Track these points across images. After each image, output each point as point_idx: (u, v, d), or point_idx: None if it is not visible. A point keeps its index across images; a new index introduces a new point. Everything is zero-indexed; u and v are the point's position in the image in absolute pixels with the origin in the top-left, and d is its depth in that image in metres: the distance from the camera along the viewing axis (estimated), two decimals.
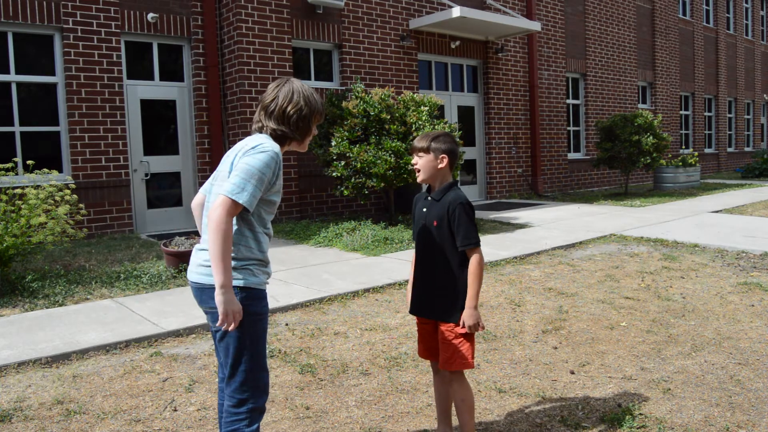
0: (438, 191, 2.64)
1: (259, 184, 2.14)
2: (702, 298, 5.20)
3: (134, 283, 5.87)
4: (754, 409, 3.12)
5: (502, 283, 5.84)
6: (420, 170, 2.65)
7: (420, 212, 2.70)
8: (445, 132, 2.70)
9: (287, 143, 2.35)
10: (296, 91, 2.30)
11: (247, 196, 2.10)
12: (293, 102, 2.28)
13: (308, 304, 5.24)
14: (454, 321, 2.58)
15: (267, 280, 2.33)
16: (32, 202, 5.42)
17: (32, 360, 3.91)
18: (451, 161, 2.63)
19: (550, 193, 14.72)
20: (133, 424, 3.09)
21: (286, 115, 2.28)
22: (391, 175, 8.18)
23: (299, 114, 2.28)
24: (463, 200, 2.57)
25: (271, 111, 2.29)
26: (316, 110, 2.33)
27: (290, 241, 8.29)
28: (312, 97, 2.32)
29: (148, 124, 9.28)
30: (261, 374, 2.26)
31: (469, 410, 2.63)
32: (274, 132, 2.29)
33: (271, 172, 2.17)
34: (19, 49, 8.29)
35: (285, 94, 2.29)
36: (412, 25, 11.52)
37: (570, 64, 15.31)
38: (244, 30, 9.39)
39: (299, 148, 2.41)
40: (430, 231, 2.62)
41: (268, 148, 2.19)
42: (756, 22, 24.79)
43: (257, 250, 2.26)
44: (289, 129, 2.30)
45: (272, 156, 2.17)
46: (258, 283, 2.25)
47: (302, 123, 2.30)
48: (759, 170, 19.35)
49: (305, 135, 2.35)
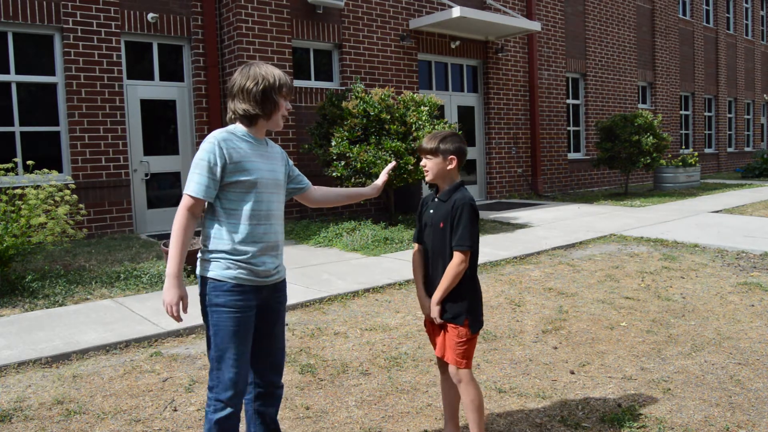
0: (445, 192, 2.63)
1: (204, 171, 2.21)
2: (702, 298, 5.20)
3: (134, 283, 5.87)
4: (754, 409, 3.12)
5: (502, 283, 5.84)
6: (428, 171, 2.64)
7: (427, 214, 2.68)
8: (453, 132, 2.68)
9: (256, 122, 2.35)
10: (254, 68, 2.33)
11: (193, 186, 2.21)
12: (251, 77, 2.30)
13: (308, 304, 5.24)
14: (458, 323, 2.57)
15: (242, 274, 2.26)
16: (32, 202, 5.42)
17: (32, 360, 3.91)
18: (459, 162, 2.62)
19: (550, 193, 14.72)
20: (133, 424, 3.09)
21: (246, 91, 2.30)
22: (391, 175, 8.18)
23: (257, 87, 2.29)
24: (468, 201, 2.55)
25: (234, 93, 2.33)
26: (277, 82, 2.32)
27: (290, 241, 8.29)
28: (271, 72, 2.33)
29: (148, 124, 9.27)
30: (226, 369, 2.24)
31: (477, 410, 2.62)
32: (239, 114, 2.32)
33: (214, 156, 2.21)
34: (19, 49, 8.29)
35: (244, 73, 2.33)
36: (412, 25, 11.52)
37: (570, 64, 15.31)
38: (244, 30, 9.39)
39: (271, 125, 2.40)
40: (437, 232, 2.61)
41: (210, 136, 2.26)
42: (756, 22, 24.79)
43: (228, 240, 2.25)
44: (252, 105, 2.30)
45: (211, 141, 2.23)
46: (222, 275, 2.24)
47: (264, 96, 2.30)
48: (759, 170, 19.35)
49: (272, 110, 2.35)
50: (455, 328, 2.58)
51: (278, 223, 2.39)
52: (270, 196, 2.34)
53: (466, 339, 2.58)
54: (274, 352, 2.44)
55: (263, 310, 2.37)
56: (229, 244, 2.25)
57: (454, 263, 2.53)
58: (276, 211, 2.37)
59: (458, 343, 2.58)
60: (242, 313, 2.26)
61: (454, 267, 2.53)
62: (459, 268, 2.53)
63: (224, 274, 2.24)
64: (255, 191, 2.28)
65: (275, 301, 2.41)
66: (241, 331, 2.26)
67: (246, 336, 2.28)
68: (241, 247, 2.26)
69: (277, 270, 2.38)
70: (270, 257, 2.33)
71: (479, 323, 2.64)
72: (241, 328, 2.26)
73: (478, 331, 2.63)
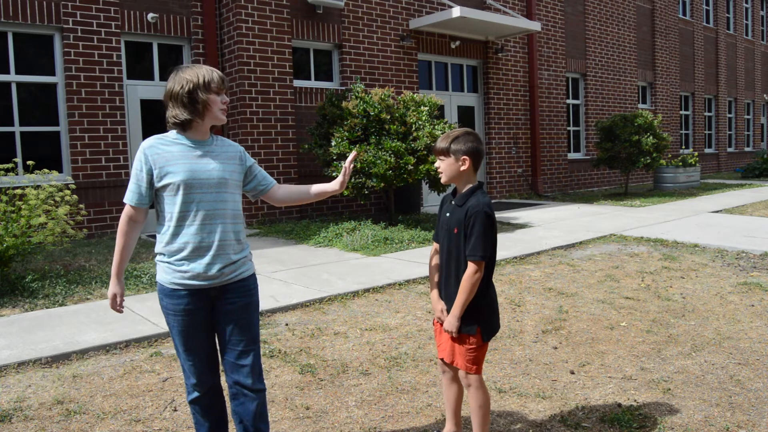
0: (461, 196, 2.55)
1: (133, 178, 2.34)
2: (702, 298, 5.20)
3: (134, 283, 5.87)
4: (754, 409, 3.12)
5: (502, 283, 5.84)
6: (442, 173, 2.56)
7: (444, 216, 2.62)
8: (467, 131, 2.58)
9: (189, 125, 2.34)
10: (180, 72, 2.33)
11: (127, 194, 2.36)
12: (177, 81, 2.31)
13: (308, 304, 5.24)
14: (469, 331, 2.53)
15: (176, 278, 2.31)
16: (32, 202, 5.42)
17: (32, 360, 3.91)
18: (474, 162, 2.53)
19: (550, 193, 14.72)
20: (133, 424, 3.09)
21: (174, 96, 2.31)
22: (391, 175, 8.18)
23: (183, 90, 2.29)
24: (483, 209, 2.45)
25: (166, 102, 2.36)
26: (202, 81, 2.30)
27: (290, 241, 8.29)
28: (197, 72, 2.31)
29: (148, 124, 9.28)
30: (183, 361, 2.46)
31: (485, 416, 2.60)
32: (171, 122, 2.35)
33: (140, 163, 2.31)
34: (19, 49, 8.29)
35: (172, 79, 2.34)
36: (412, 25, 11.53)
37: (570, 64, 15.31)
38: (244, 30, 9.39)
39: (210, 122, 2.37)
40: (451, 238, 2.55)
41: (140, 146, 2.35)
42: (756, 22, 24.79)
43: (166, 243, 2.33)
44: (181, 110, 2.31)
45: (140, 150, 2.33)
46: (162, 279, 2.36)
47: (191, 98, 2.29)
48: (759, 170, 19.35)
49: (203, 110, 2.32)
50: (466, 337, 2.54)
51: (220, 222, 2.33)
52: (205, 196, 2.30)
53: (477, 346, 2.55)
54: (234, 353, 2.42)
55: (215, 310, 2.40)
56: (162, 246, 2.34)
57: (468, 274, 2.46)
58: (217, 210, 2.33)
59: (469, 350, 2.55)
60: (183, 316, 2.35)
61: (468, 278, 2.46)
62: (474, 278, 2.46)
63: (163, 279, 2.35)
64: (183, 192, 2.28)
65: (225, 302, 2.38)
66: (186, 330, 2.38)
67: (194, 334, 2.39)
68: (171, 248, 2.32)
69: (221, 271, 2.34)
70: (209, 258, 2.31)
71: (491, 332, 2.59)
72: (185, 328, 2.37)
73: (490, 338, 2.58)
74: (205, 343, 2.43)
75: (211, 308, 2.39)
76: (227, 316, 2.40)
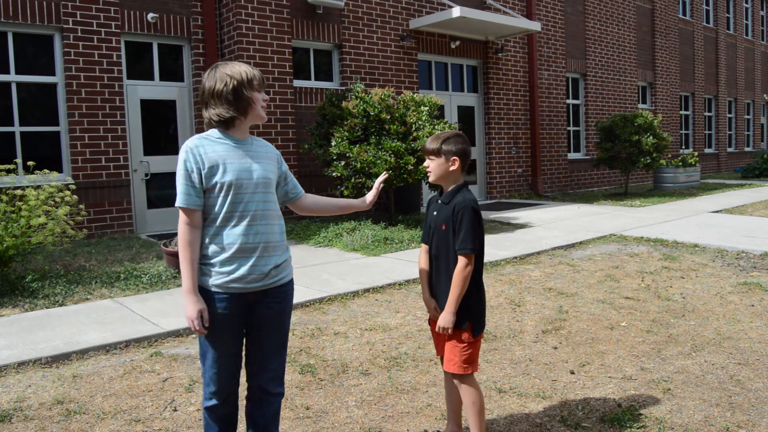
0: (447, 194, 2.62)
1: (183, 179, 2.24)
2: (702, 298, 5.20)
3: (134, 283, 5.87)
4: (754, 409, 3.12)
5: (502, 283, 5.84)
6: (431, 172, 2.62)
7: (431, 216, 2.68)
8: (456, 132, 2.65)
9: (233, 123, 2.31)
10: (219, 70, 2.30)
11: (178, 197, 2.24)
12: (218, 79, 2.28)
13: (308, 304, 5.24)
14: (460, 327, 2.56)
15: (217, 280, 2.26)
16: (32, 202, 5.43)
17: (32, 360, 3.91)
18: (462, 163, 2.60)
19: (550, 193, 14.72)
20: (133, 424, 3.09)
21: (217, 94, 2.27)
22: (391, 175, 8.18)
23: (227, 88, 2.26)
24: (469, 204, 2.52)
25: (206, 99, 2.31)
26: (246, 78, 2.29)
27: (290, 241, 8.29)
28: (238, 69, 2.30)
29: (148, 124, 9.27)
30: (207, 367, 2.34)
31: (478, 413, 2.61)
32: (213, 121, 2.30)
33: (190, 163, 2.23)
34: (19, 49, 8.29)
35: (211, 77, 2.30)
36: (412, 25, 11.52)
37: (570, 64, 15.31)
38: (244, 30, 9.39)
39: (252, 120, 2.36)
40: (440, 235, 2.60)
41: (183, 146, 2.27)
42: (756, 22, 24.79)
43: (206, 246, 2.27)
44: (226, 108, 2.27)
45: (184, 150, 2.25)
46: (204, 282, 2.27)
47: (236, 96, 2.27)
48: (759, 170, 19.35)
49: (247, 107, 2.31)
50: (460, 333, 2.57)
51: (265, 223, 2.30)
52: (252, 196, 2.27)
53: (469, 343, 2.57)
54: (264, 357, 2.40)
55: (251, 314, 2.35)
56: (206, 248, 2.27)
57: (459, 268, 2.50)
58: (262, 211, 2.30)
59: (462, 348, 2.57)
60: (220, 321, 2.27)
61: (459, 272, 2.50)
62: (465, 272, 2.50)
63: (204, 281, 2.27)
64: (232, 192, 2.25)
65: (264, 306, 2.35)
66: (219, 335, 2.29)
67: (226, 340, 2.30)
68: (213, 249, 2.26)
69: (267, 273, 2.30)
70: (252, 260, 2.27)
71: (481, 326, 2.63)
72: (219, 333, 2.29)
73: (480, 333, 2.62)
74: (234, 351, 2.35)
75: (246, 313, 2.34)
76: (263, 320, 2.36)
